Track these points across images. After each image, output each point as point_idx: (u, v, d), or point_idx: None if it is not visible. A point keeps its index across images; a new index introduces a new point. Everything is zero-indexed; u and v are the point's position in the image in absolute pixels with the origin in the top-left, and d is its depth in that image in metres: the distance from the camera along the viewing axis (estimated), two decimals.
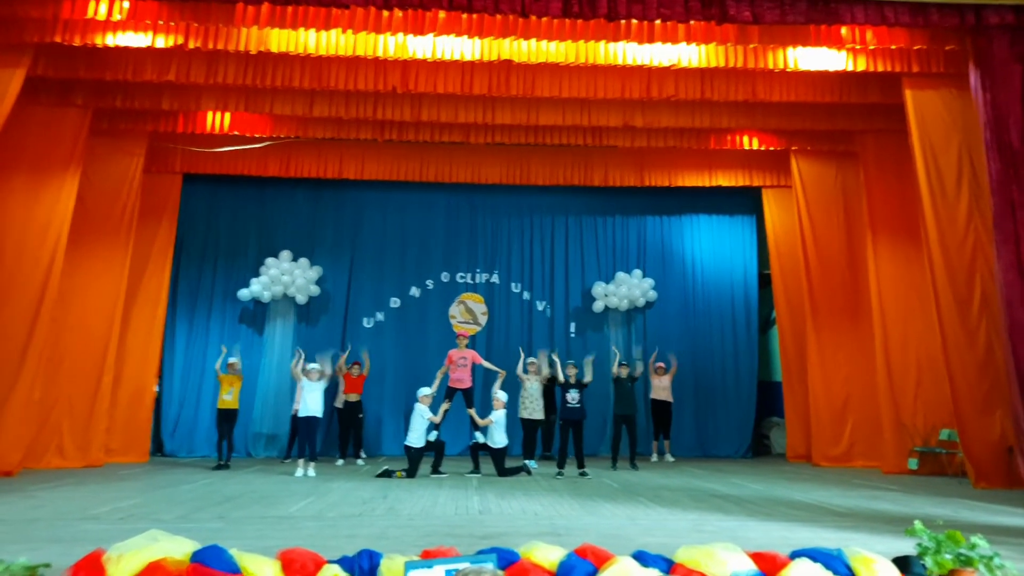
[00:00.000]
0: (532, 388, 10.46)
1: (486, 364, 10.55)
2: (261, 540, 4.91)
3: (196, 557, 3.44)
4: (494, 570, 1.74)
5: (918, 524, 3.98)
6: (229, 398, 10.35)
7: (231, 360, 10.58)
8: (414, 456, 9.18)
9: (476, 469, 9.51)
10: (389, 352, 12.59)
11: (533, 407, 10.45)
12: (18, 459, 8.94)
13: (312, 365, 9.75)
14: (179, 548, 3.48)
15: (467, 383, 10.29)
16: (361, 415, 11.12)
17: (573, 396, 9.66)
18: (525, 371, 10.59)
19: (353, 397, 10.99)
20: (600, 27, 7.87)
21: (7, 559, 3.60)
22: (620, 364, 10.60)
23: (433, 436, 9.54)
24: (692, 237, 13.46)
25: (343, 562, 3.57)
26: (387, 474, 9.08)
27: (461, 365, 10.31)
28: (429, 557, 3.47)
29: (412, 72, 9.02)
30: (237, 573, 3.39)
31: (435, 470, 9.32)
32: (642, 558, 3.70)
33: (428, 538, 5.07)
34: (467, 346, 10.66)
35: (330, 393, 10.79)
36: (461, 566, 3.18)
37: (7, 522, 5.87)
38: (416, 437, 9.27)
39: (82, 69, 8.85)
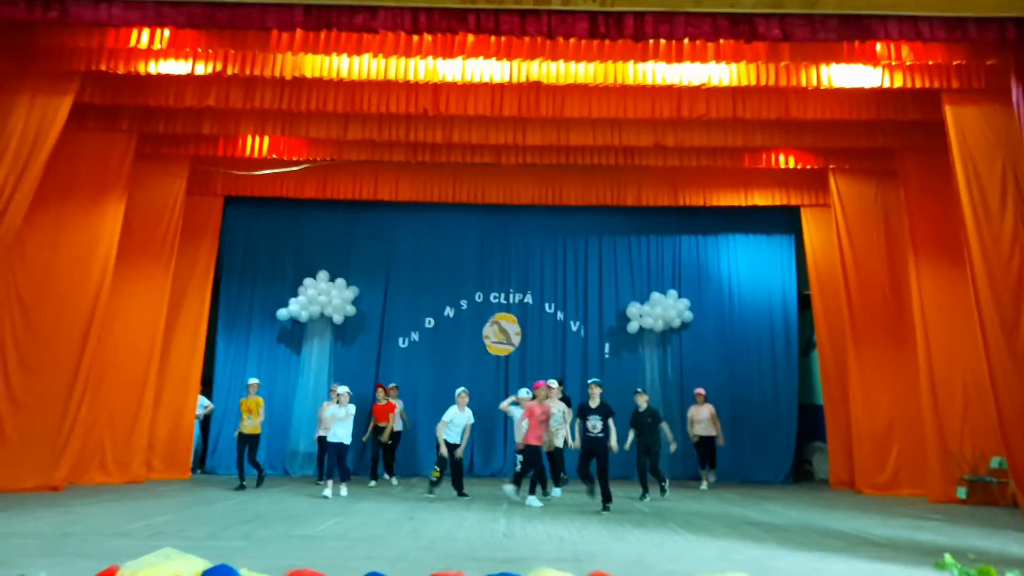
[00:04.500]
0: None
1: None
2: (281, 559, 4.93)
3: None
4: None
5: (948, 557, 3.81)
6: (250, 423, 10.09)
7: (250, 381, 10.42)
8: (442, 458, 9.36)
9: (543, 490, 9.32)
10: (423, 372, 12.63)
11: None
12: (64, 474, 9.23)
13: (342, 388, 9.72)
14: (190, 567, 3.52)
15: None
16: (390, 441, 11.06)
17: (595, 423, 8.61)
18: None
19: (381, 424, 10.99)
20: (628, 47, 7.86)
21: (28, 573, 3.68)
22: (638, 392, 9.80)
23: (459, 453, 9.49)
24: (728, 257, 13.24)
25: None
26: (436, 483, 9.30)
27: (543, 421, 9.03)
28: None
29: (443, 95, 9.12)
30: None
31: (458, 491, 9.35)
32: None
33: (447, 561, 5.04)
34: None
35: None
36: None
37: (42, 536, 6.03)
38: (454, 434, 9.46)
39: (127, 95, 9.17)
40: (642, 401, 9.61)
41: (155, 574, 3.40)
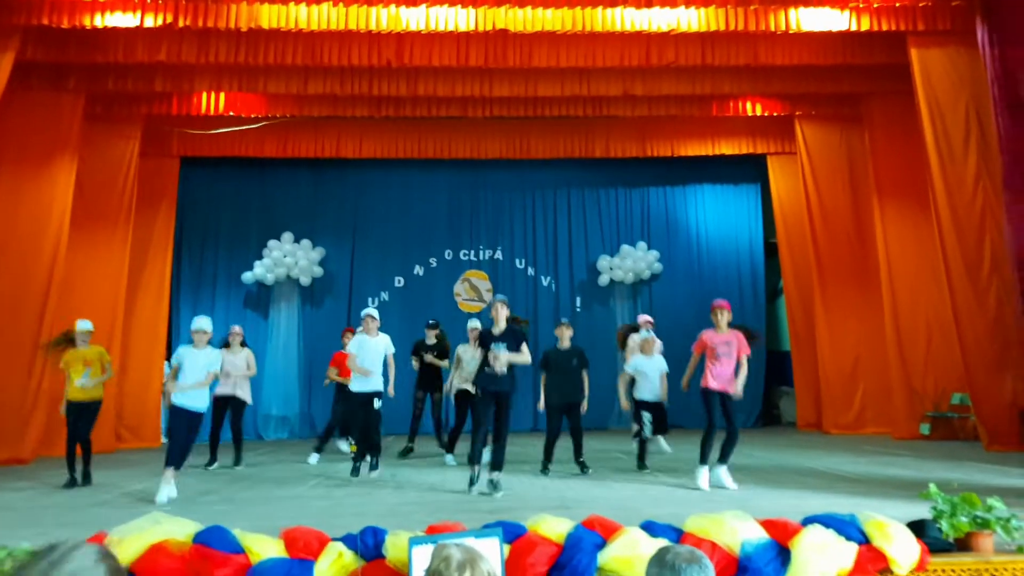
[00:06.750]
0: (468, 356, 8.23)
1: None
2: (268, 520, 4.86)
3: (198, 538, 3.39)
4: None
5: (933, 487, 3.91)
6: (81, 384, 7.01)
7: (80, 328, 7.18)
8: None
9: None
10: (394, 332, 12.37)
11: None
12: (32, 447, 8.99)
13: (200, 321, 6.72)
14: (181, 529, 3.44)
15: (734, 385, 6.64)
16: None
17: (499, 355, 6.24)
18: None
19: (344, 379, 8.74)
20: None
21: (11, 545, 3.56)
22: (562, 324, 7.52)
23: (377, 404, 7.27)
24: (697, 207, 13.32)
25: (347, 539, 3.52)
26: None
27: (724, 354, 6.54)
28: (434, 532, 3.42)
29: (407, 45, 8.86)
30: (240, 553, 3.35)
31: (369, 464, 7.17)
32: (651, 528, 3.64)
33: (436, 514, 5.02)
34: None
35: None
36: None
37: (17, 509, 5.87)
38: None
39: (73, 52, 8.72)
40: (565, 335, 7.35)
41: (145, 539, 3.31)
